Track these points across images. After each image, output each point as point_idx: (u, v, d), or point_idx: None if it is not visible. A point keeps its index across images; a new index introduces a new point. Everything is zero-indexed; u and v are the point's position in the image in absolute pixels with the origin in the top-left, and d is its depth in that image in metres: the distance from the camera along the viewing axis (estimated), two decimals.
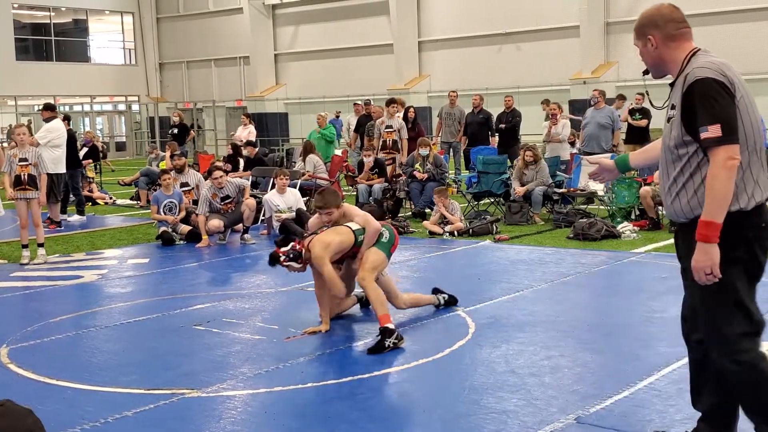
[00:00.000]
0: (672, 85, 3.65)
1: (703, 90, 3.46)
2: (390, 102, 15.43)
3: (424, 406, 4.84)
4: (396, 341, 5.96)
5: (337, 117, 25.88)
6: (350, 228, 6.56)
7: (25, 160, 10.17)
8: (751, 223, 3.53)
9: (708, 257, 3.43)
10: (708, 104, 3.43)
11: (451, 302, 7.20)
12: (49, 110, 13.44)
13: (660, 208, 11.66)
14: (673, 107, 3.60)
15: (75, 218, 14.28)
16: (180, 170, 12.77)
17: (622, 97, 18.40)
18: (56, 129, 12.98)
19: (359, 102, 19.09)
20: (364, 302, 7.14)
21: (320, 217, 6.75)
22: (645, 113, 16.04)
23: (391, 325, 6.03)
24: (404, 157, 14.42)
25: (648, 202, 11.37)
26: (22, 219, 10.23)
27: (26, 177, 10.13)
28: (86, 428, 4.62)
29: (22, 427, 2.34)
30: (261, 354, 6.05)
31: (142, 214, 14.91)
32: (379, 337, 6.00)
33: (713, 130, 3.40)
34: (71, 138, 13.88)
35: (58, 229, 13.09)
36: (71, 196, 14.50)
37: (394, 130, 14.86)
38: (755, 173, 3.54)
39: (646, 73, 3.87)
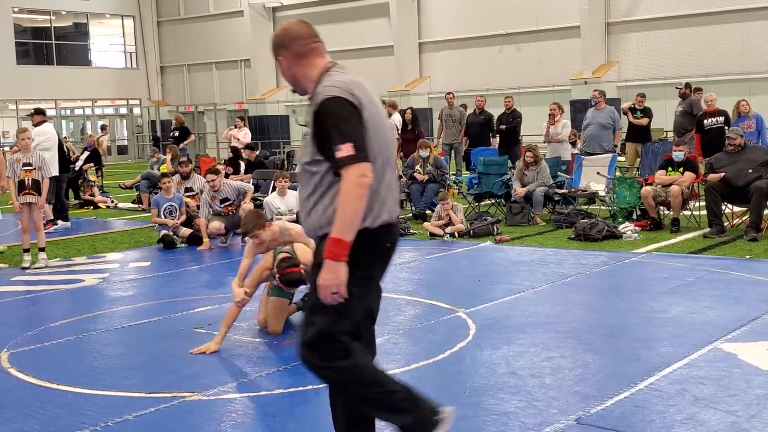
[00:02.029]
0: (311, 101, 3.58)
1: (333, 109, 3.39)
2: (381, 104, 15.40)
3: None
4: None
5: None
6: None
7: (29, 164, 10.20)
8: (374, 241, 3.48)
9: (335, 276, 3.34)
10: (339, 123, 3.36)
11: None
12: (40, 114, 13.57)
13: (662, 208, 11.66)
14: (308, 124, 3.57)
15: (58, 224, 14.23)
16: (186, 176, 12.82)
17: (698, 89, 17.22)
18: (45, 133, 13.06)
19: None
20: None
21: (252, 243, 6.72)
22: (646, 112, 16.02)
23: None
24: (397, 158, 14.44)
25: (649, 203, 11.36)
26: (24, 223, 10.25)
27: (30, 182, 10.17)
28: (98, 428, 4.62)
29: None
30: (262, 357, 6.06)
31: (143, 218, 14.92)
32: None
33: (345, 149, 3.32)
34: (59, 143, 13.99)
35: (54, 228, 13.19)
36: (69, 199, 14.52)
37: None
38: (383, 193, 3.49)
39: (293, 91, 3.77)
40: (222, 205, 11.51)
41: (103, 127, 30.99)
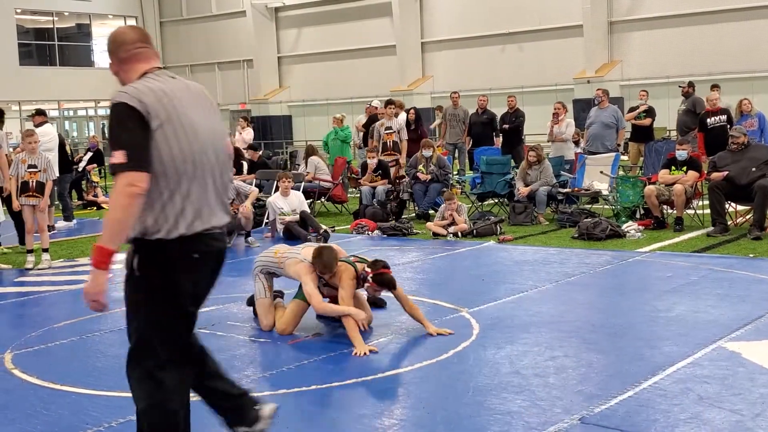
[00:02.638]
0: None
1: (113, 115, 3.38)
2: (388, 103, 15.44)
3: (428, 407, 4.84)
4: None
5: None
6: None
7: (35, 166, 10.23)
8: (173, 253, 3.44)
9: (95, 284, 3.33)
10: (116, 130, 3.36)
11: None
12: (41, 115, 13.62)
13: (665, 207, 11.65)
14: None
15: (62, 224, 14.25)
16: None
17: (716, 86, 17.34)
18: (47, 133, 13.08)
19: (377, 104, 19.07)
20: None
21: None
22: (649, 112, 16.00)
23: None
24: (403, 158, 14.43)
25: (653, 202, 11.35)
26: (28, 224, 10.27)
27: (34, 184, 10.21)
28: (102, 429, 4.62)
29: None
30: (265, 357, 6.06)
31: None
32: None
33: (117, 156, 3.29)
34: (61, 143, 14.04)
35: (53, 233, 13.16)
36: (74, 199, 14.53)
37: (394, 132, 14.84)
38: (178, 204, 3.43)
39: None
40: None
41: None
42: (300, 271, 6.57)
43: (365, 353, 5.92)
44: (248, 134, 19.30)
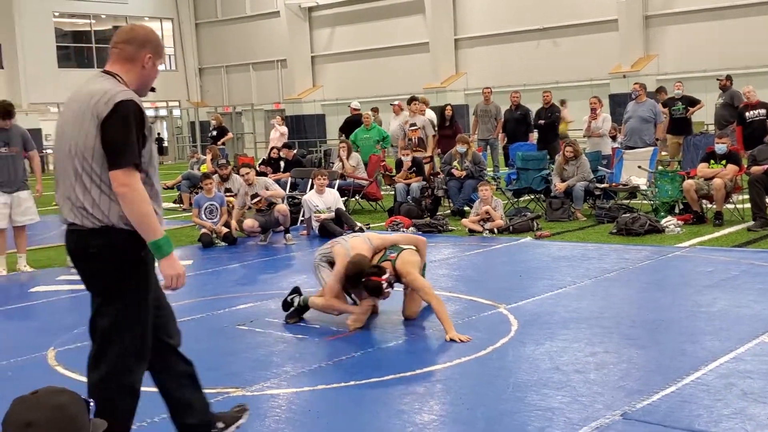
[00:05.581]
0: None
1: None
2: (412, 100, 15.47)
3: (468, 403, 4.82)
4: None
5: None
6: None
7: None
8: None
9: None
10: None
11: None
12: None
13: (704, 201, 11.51)
14: None
15: None
16: (225, 178, 12.95)
17: (662, 90, 18.14)
18: None
19: (356, 105, 19.13)
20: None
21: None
22: (688, 101, 15.77)
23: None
24: (429, 153, 14.63)
25: (692, 196, 11.21)
26: None
27: None
28: (133, 428, 4.64)
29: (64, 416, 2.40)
30: (304, 353, 6.08)
31: (184, 217, 15.03)
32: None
33: None
34: None
35: None
36: None
37: (419, 128, 14.88)
38: None
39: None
40: (252, 201, 11.63)
41: None
42: (337, 259, 6.80)
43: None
44: (282, 135, 19.43)
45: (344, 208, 12.39)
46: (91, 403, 2.60)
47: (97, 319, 3.73)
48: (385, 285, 6.40)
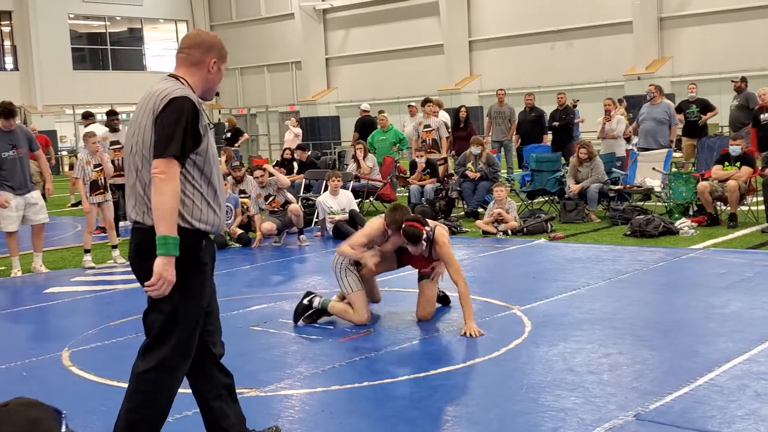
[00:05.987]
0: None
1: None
2: (426, 101, 15.48)
3: (482, 404, 4.83)
4: None
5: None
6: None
7: (99, 165, 10.50)
8: None
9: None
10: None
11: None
12: (90, 117, 14.27)
13: (719, 203, 11.47)
14: None
15: (124, 223, 14.44)
16: (239, 180, 12.99)
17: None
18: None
19: (365, 107, 19.16)
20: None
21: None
22: (703, 105, 15.64)
23: None
24: (443, 154, 14.66)
25: (706, 198, 11.18)
26: (91, 224, 10.54)
27: (103, 180, 10.49)
28: None
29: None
30: (317, 353, 6.10)
31: None
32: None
33: None
34: None
35: (103, 234, 13.37)
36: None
37: (433, 129, 14.91)
38: None
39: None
40: (266, 202, 11.67)
41: None
42: (369, 223, 6.98)
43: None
44: (296, 137, 19.49)
45: (358, 210, 12.42)
46: (64, 414, 2.53)
47: (149, 314, 3.75)
48: (424, 234, 6.48)
